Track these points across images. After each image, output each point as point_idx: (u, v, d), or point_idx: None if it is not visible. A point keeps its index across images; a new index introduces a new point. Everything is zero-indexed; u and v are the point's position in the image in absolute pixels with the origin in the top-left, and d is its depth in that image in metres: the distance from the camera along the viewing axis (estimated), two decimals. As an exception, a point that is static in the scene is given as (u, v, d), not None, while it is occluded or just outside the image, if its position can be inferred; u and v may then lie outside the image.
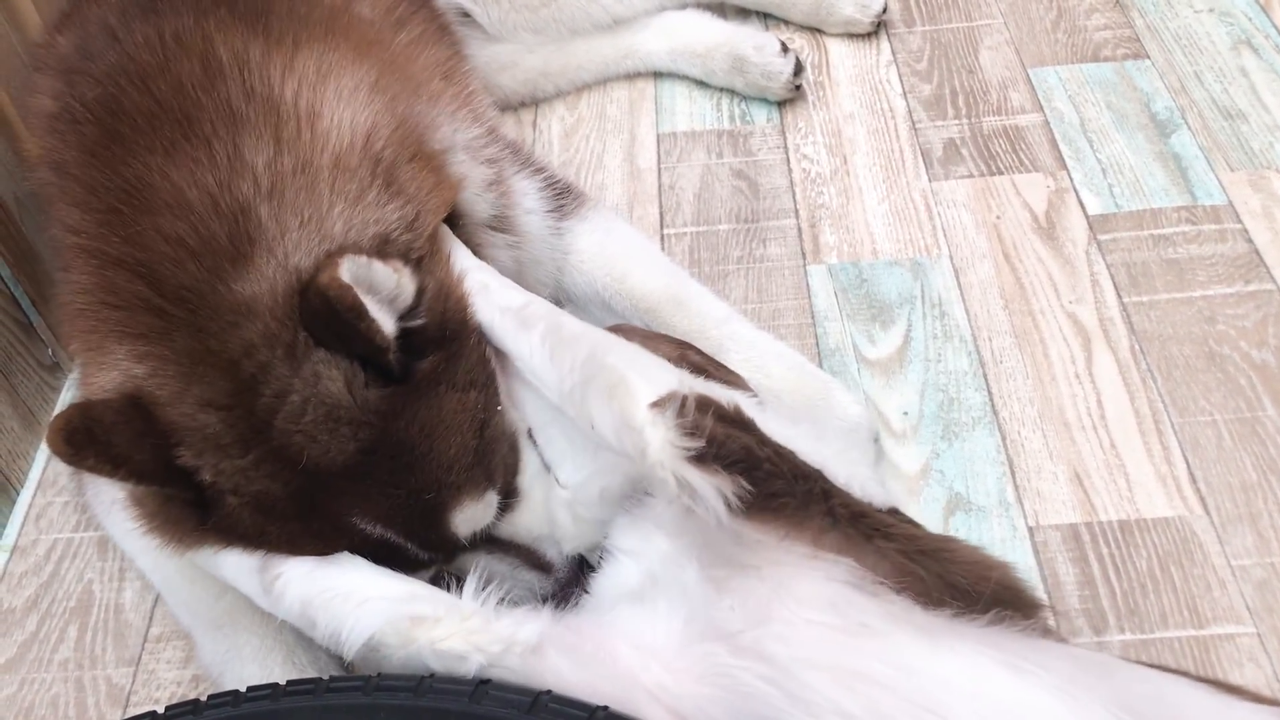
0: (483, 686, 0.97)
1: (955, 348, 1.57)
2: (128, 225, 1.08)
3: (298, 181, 1.08)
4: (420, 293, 1.09)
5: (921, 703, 0.86)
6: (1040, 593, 1.26)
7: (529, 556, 1.27)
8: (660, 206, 1.82)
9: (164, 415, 1.03)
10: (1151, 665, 1.02)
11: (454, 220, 1.26)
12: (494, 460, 1.16)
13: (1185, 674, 0.97)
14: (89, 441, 0.98)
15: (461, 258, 1.22)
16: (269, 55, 1.18)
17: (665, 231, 1.78)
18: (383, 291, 1.04)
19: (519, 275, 1.41)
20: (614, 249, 1.55)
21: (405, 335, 1.07)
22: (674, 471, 0.95)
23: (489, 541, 1.23)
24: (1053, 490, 1.40)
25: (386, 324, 1.03)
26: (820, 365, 1.56)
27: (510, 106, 2.03)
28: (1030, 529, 1.36)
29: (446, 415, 1.09)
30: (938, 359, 1.56)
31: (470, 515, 1.14)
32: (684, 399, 0.98)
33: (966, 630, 0.93)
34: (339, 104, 1.16)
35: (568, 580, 1.26)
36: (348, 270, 0.99)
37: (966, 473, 1.43)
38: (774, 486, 0.97)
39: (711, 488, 0.94)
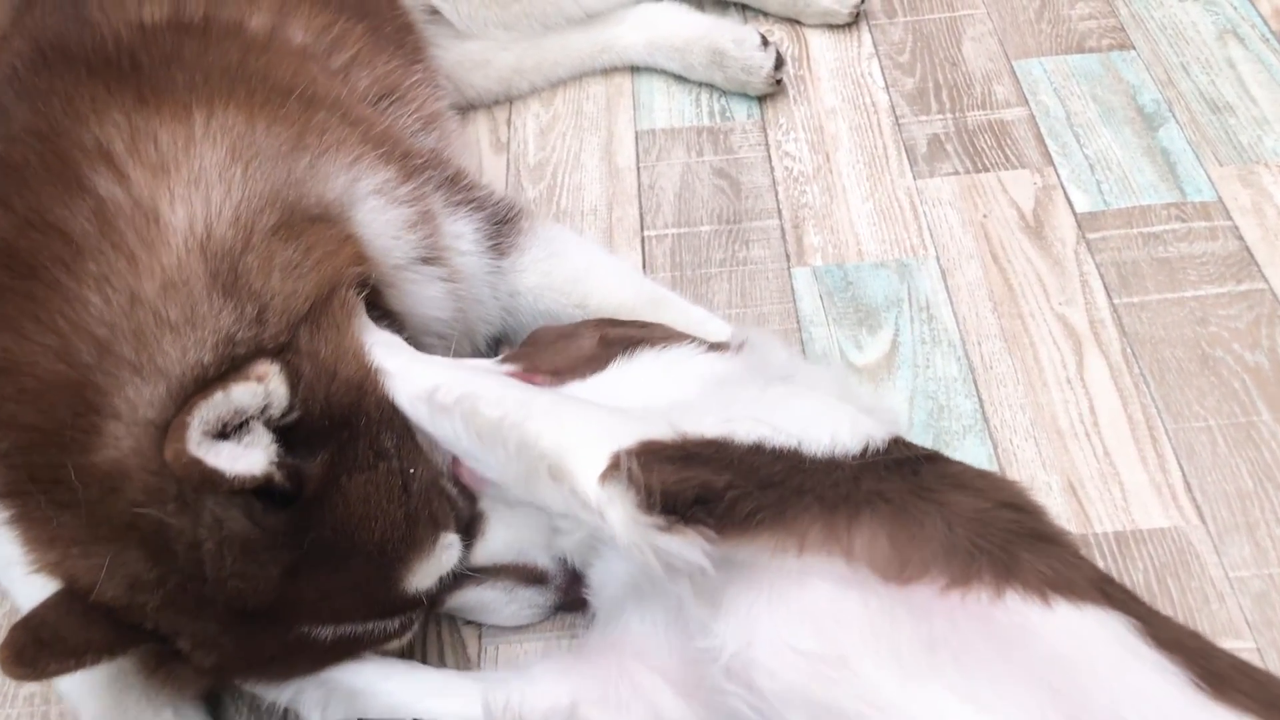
0: None
1: (944, 353, 1.54)
2: None
3: (129, 323, 1.01)
4: (295, 384, 1.03)
5: None
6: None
7: (520, 573, 1.24)
8: (640, 207, 1.78)
9: (100, 597, 1.00)
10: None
11: (370, 264, 1.20)
12: (434, 507, 1.12)
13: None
14: (40, 652, 0.98)
15: (364, 331, 1.15)
16: (135, 140, 1.10)
17: (646, 233, 1.74)
18: (249, 410, 0.98)
19: (459, 315, 1.35)
20: (563, 274, 1.47)
21: (291, 435, 1.03)
22: (649, 548, 0.93)
23: (471, 573, 1.20)
24: (1047, 502, 1.33)
25: (255, 464, 0.97)
26: (807, 373, 1.52)
27: (484, 105, 1.97)
28: (1024, 542, 1.33)
29: (359, 502, 1.05)
30: (926, 365, 1.52)
31: (429, 570, 1.11)
32: (629, 462, 0.95)
33: (942, 657, 0.89)
34: (183, 194, 1.07)
35: (568, 583, 1.23)
36: (198, 425, 0.94)
37: (958, 484, 1.39)
38: (744, 508, 0.94)
39: (685, 549, 0.92)
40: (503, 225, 1.46)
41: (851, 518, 0.96)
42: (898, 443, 1.07)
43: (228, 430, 0.99)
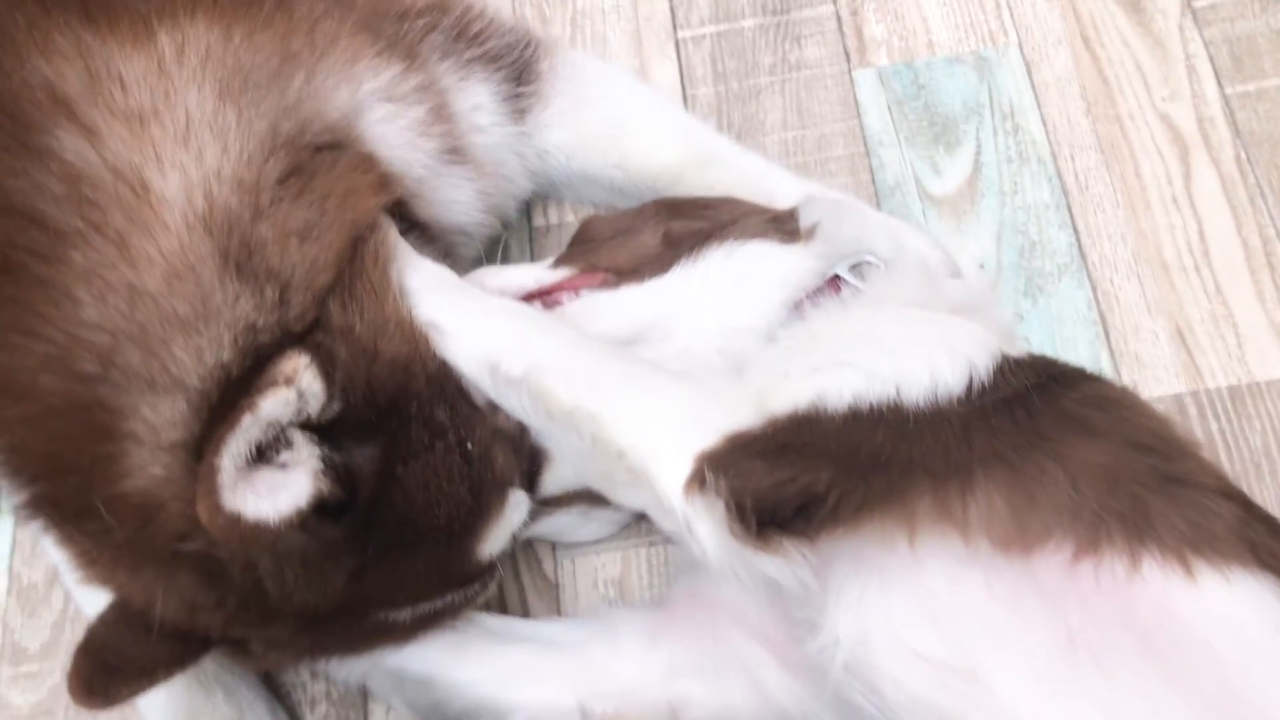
0: None
1: (1033, 173, 1.36)
2: None
3: (131, 325, 0.85)
4: (330, 373, 0.89)
5: None
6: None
7: (592, 496, 1.15)
8: (670, 1, 1.53)
9: (158, 619, 0.90)
10: None
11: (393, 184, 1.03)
12: (497, 466, 1.01)
13: None
14: (111, 678, 0.90)
15: (405, 272, 1.00)
16: (94, 79, 0.89)
17: (680, 34, 1.50)
18: (283, 420, 0.85)
19: (489, 207, 1.18)
20: (595, 127, 1.27)
21: (335, 427, 0.90)
22: (745, 568, 0.83)
23: (544, 506, 1.11)
24: (1153, 354, 1.25)
25: (301, 490, 0.84)
26: (879, 207, 1.36)
27: None
28: (1129, 403, 1.23)
29: (420, 490, 0.93)
30: (1014, 190, 1.35)
31: (502, 532, 1.02)
32: (717, 470, 0.84)
33: (1081, 658, 0.82)
34: (172, 154, 0.88)
35: None
36: (229, 467, 0.79)
37: (1055, 337, 1.27)
38: (850, 506, 0.84)
39: (785, 568, 0.83)
40: (522, 75, 1.25)
41: (965, 487, 0.85)
42: (1002, 368, 0.94)
43: (263, 447, 0.87)
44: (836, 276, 1.04)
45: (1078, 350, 1.26)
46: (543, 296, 1.08)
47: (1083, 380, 0.96)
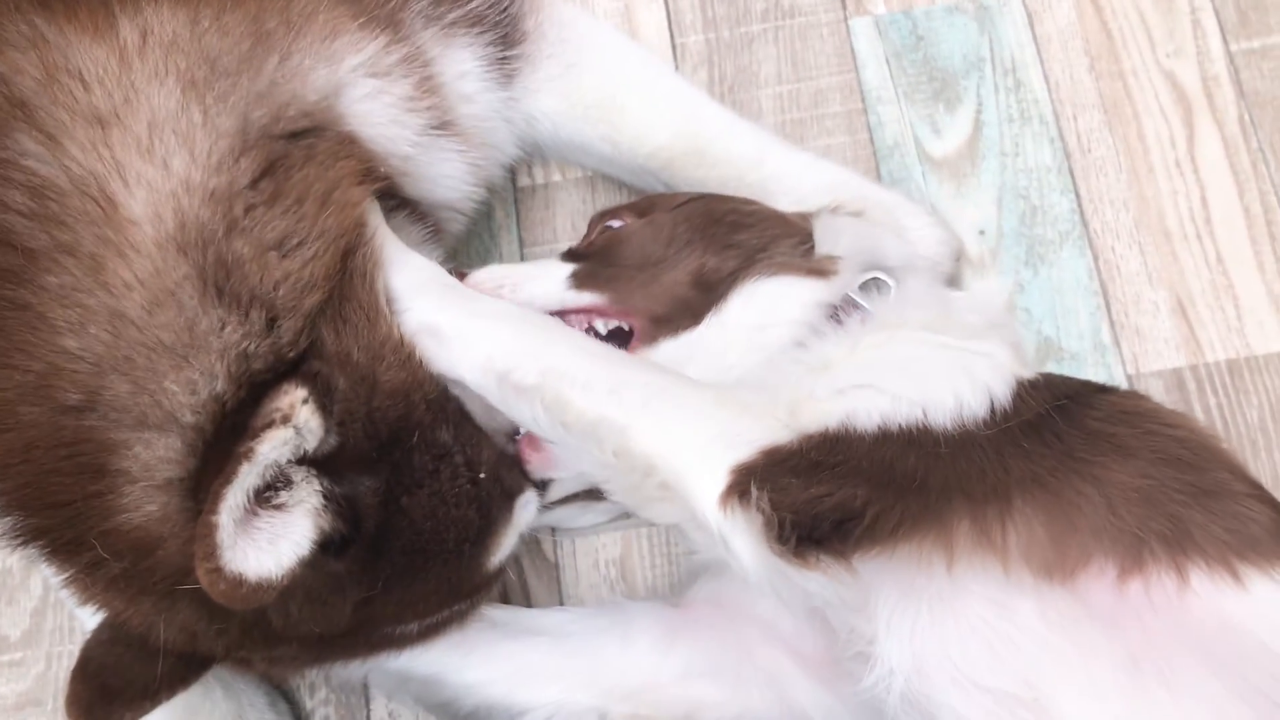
0: None
1: (1035, 133, 1.32)
2: None
3: (115, 356, 0.79)
4: (328, 405, 0.84)
5: None
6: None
7: (593, 493, 1.13)
8: (656, -62, 1.45)
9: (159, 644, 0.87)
10: None
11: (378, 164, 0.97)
12: (505, 482, 0.98)
13: None
14: (112, 703, 0.86)
15: (397, 271, 0.94)
16: (51, 74, 0.82)
17: (666, -24, 1.43)
18: (281, 461, 0.80)
19: (478, 179, 1.12)
20: (585, 95, 1.20)
21: (334, 460, 0.86)
22: (783, 583, 0.81)
23: (547, 506, 1.09)
24: (1153, 326, 1.24)
25: (303, 537, 0.80)
26: (878, 170, 1.32)
27: None
28: (1129, 377, 1.23)
29: (426, 518, 0.90)
30: (1015, 151, 1.32)
31: (510, 539, 0.99)
32: (753, 483, 0.81)
33: (1147, 679, 0.82)
34: (136, 166, 0.81)
35: None
36: (228, 524, 0.75)
37: (1056, 309, 1.25)
38: (888, 524, 0.82)
39: (825, 584, 0.81)
40: (508, 35, 1.17)
41: (1004, 511, 0.84)
42: (1020, 393, 0.92)
43: (260, 489, 0.83)
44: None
45: (1079, 322, 1.25)
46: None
47: (1097, 394, 0.95)
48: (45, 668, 1.21)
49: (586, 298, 1.03)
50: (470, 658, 1.03)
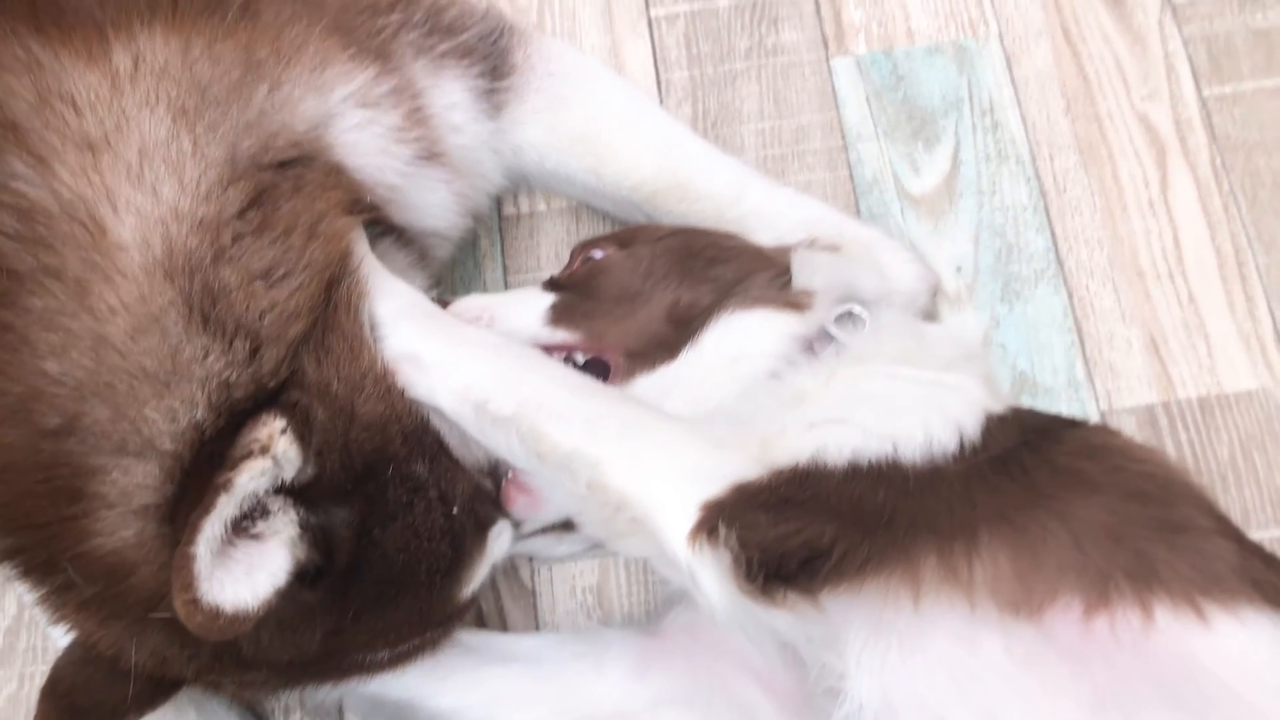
0: None
1: (1012, 172, 1.35)
2: None
3: (96, 382, 0.80)
4: (306, 436, 0.85)
5: None
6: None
7: (568, 524, 1.13)
8: (643, -24, 1.48)
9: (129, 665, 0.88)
10: None
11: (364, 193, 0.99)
12: (479, 514, 0.99)
13: None
14: (77, 718, 0.86)
15: (380, 298, 0.95)
16: (44, 98, 0.83)
17: (653, 13, 1.45)
18: (259, 492, 0.81)
19: (465, 208, 1.14)
20: (570, 129, 1.21)
21: (309, 490, 0.86)
22: (750, 621, 0.82)
23: (522, 538, 1.10)
24: (1126, 363, 1.26)
25: (279, 569, 0.81)
26: (857, 206, 1.34)
27: None
28: (1103, 413, 1.24)
29: (400, 550, 0.91)
30: (992, 190, 1.34)
31: (482, 569, 1.00)
32: (721, 519, 0.82)
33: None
34: (125, 193, 0.82)
35: None
36: (206, 556, 0.76)
37: (1031, 345, 1.27)
38: (855, 561, 0.83)
39: (791, 622, 0.82)
40: (497, 68, 1.20)
41: (970, 547, 0.85)
42: (990, 427, 0.94)
43: (237, 519, 0.83)
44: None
45: (1053, 357, 1.26)
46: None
47: (1065, 430, 0.96)
48: (18, 688, 1.21)
49: (561, 335, 1.04)
50: (443, 685, 1.03)
